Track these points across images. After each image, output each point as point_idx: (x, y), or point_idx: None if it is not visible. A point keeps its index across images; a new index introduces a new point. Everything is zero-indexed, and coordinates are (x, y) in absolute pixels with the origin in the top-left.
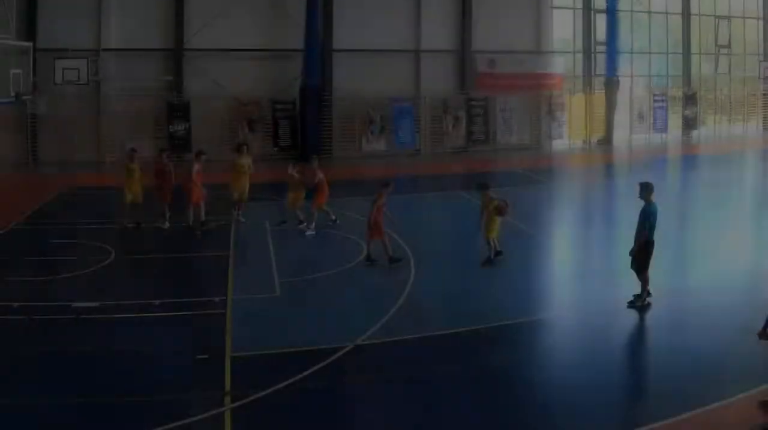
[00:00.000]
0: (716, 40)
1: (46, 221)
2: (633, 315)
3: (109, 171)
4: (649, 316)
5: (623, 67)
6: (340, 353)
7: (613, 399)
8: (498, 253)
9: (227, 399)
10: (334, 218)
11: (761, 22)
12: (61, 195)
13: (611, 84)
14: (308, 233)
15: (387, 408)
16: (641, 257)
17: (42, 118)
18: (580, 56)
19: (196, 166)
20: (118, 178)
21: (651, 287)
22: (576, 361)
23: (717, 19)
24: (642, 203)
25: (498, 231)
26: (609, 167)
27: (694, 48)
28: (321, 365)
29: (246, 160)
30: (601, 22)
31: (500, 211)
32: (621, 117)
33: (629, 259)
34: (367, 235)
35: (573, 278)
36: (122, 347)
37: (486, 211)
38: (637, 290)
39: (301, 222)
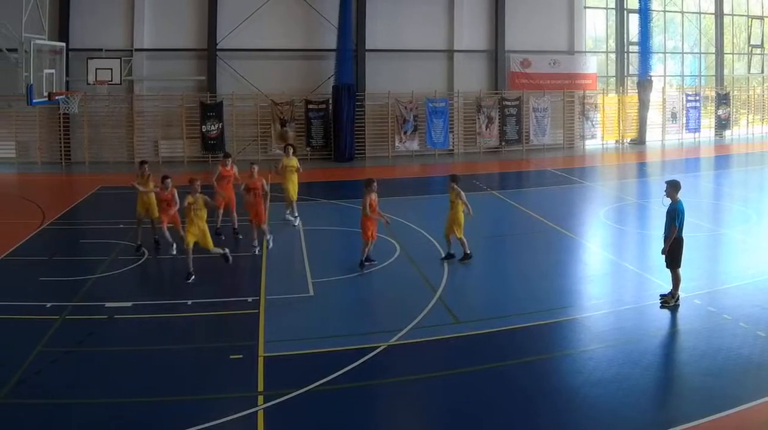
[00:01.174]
0: (749, 39)
1: (79, 220)
2: (665, 314)
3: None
4: (682, 314)
5: (656, 67)
6: (372, 353)
7: (648, 398)
8: (451, 255)
9: (260, 399)
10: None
11: None
12: (93, 195)
13: (644, 84)
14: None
15: (420, 408)
16: (673, 254)
17: (74, 119)
18: (612, 56)
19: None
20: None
21: (683, 286)
22: (610, 360)
23: (750, 19)
24: (669, 202)
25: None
26: (642, 167)
27: (727, 48)
28: (354, 365)
29: (294, 160)
30: (633, 22)
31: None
32: (654, 117)
33: (662, 257)
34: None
35: (605, 277)
36: (155, 347)
37: (454, 206)
38: (664, 290)
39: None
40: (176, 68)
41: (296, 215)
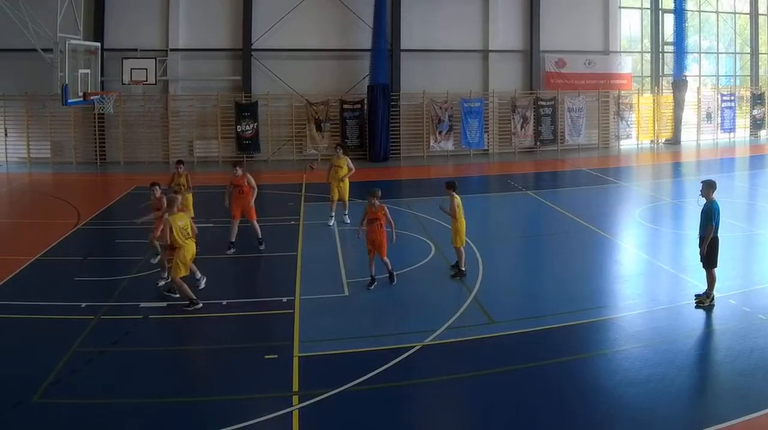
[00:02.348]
0: None
1: (113, 220)
2: (700, 314)
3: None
4: (717, 314)
5: (691, 67)
6: (407, 354)
7: (683, 398)
8: (456, 265)
9: (295, 399)
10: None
11: None
12: (128, 195)
13: (679, 84)
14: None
15: (454, 409)
16: (709, 254)
17: (109, 119)
18: (647, 56)
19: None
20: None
21: (718, 286)
22: (645, 360)
23: None
24: (704, 202)
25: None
26: (676, 167)
27: (762, 48)
28: (388, 365)
29: (342, 160)
30: (668, 22)
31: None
32: (689, 117)
33: (697, 257)
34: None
35: (640, 277)
36: (190, 347)
37: (456, 214)
38: (699, 290)
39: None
40: (211, 68)
41: (344, 213)
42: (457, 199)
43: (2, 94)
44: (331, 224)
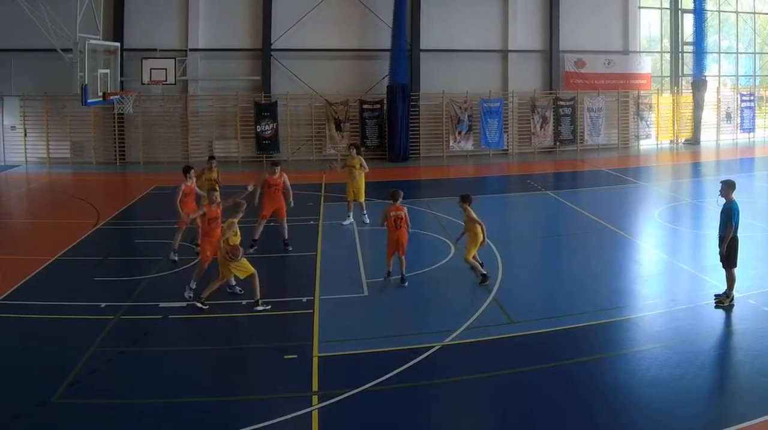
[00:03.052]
0: None
1: (133, 220)
2: (720, 314)
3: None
4: (736, 315)
5: (710, 67)
6: (427, 354)
7: (703, 398)
8: (485, 276)
9: (315, 399)
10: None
11: None
12: (148, 195)
13: (698, 84)
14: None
15: (474, 409)
16: (729, 254)
17: (129, 119)
18: (667, 56)
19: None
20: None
21: (738, 286)
22: (664, 360)
23: None
24: (723, 202)
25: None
26: (696, 167)
27: None
28: (408, 365)
29: (356, 160)
30: (688, 22)
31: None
32: (708, 117)
33: (717, 257)
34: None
35: (660, 277)
36: (209, 347)
37: (471, 227)
38: (719, 290)
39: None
40: (231, 68)
41: (363, 213)
42: (472, 212)
43: (22, 94)
44: (345, 223)
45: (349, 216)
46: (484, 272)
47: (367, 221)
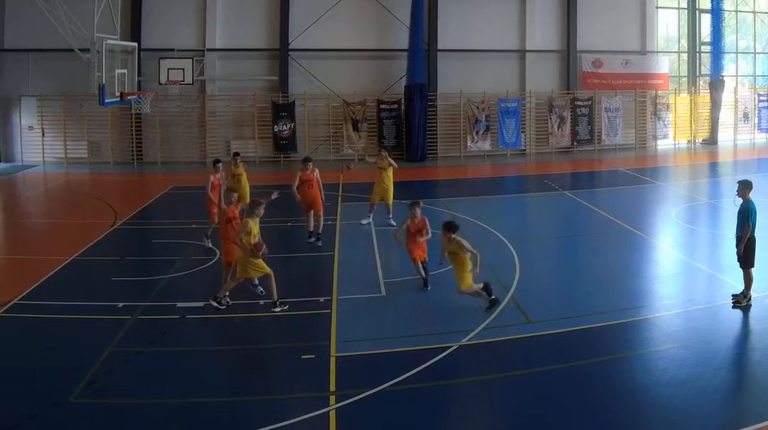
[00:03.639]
0: None
1: (151, 220)
2: (737, 314)
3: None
4: (754, 314)
5: (728, 67)
6: (444, 354)
7: (720, 398)
8: (493, 301)
9: (332, 399)
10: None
11: None
12: (165, 195)
13: (716, 84)
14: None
15: (491, 409)
16: (746, 254)
17: (146, 119)
18: (684, 56)
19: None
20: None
21: (755, 286)
22: (682, 360)
23: None
24: (740, 202)
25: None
26: (713, 167)
27: None
28: (425, 365)
29: (382, 161)
30: (705, 22)
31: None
32: (725, 117)
33: (734, 257)
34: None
35: (677, 277)
36: (227, 347)
37: (458, 259)
38: (736, 290)
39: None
40: (248, 68)
41: (393, 223)
42: (464, 242)
43: (39, 94)
44: (364, 222)
45: (369, 216)
46: (493, 297)
47: (393, 224)
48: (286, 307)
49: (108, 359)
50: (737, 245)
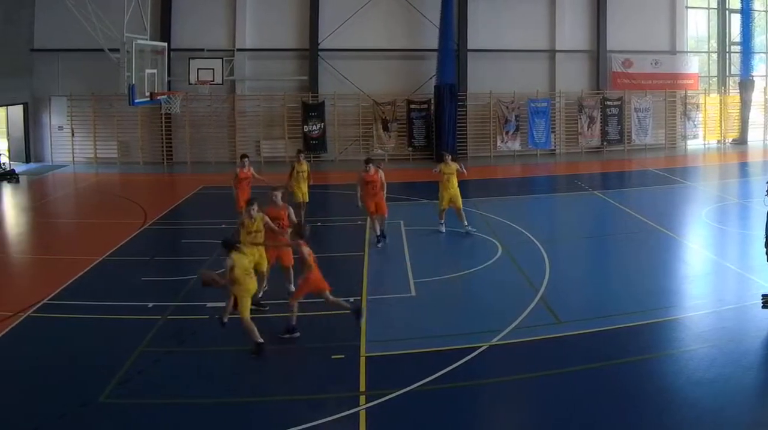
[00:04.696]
0: None
1: (180, 220)
2: (767, 315)
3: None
4: None
5: (758, 66)
6: (474, 354)
7: (750, 398)
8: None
9: (362, 399)
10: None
11: None
12: (195, 195)
13: (746, 84)
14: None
15: (521, 409)
16: None
17: (176, 119)
18: (714, 56)
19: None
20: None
21: None
22: (711, 360)
23: None
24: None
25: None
26: (743, 167)
27: None
28: (455, 365)
29: (450, 166)
30: (735, 22)
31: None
32: (755, 117)
33: (764, 257)
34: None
35: (707, 277)
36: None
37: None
38: (766, 290)
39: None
40: (278, 68)
41: (473, 229)
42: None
43: (69, 94)
44: (443, 230)
45: (442, 223)
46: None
47: (473, 230)
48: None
49: (138, 359)
50: (766, 245)
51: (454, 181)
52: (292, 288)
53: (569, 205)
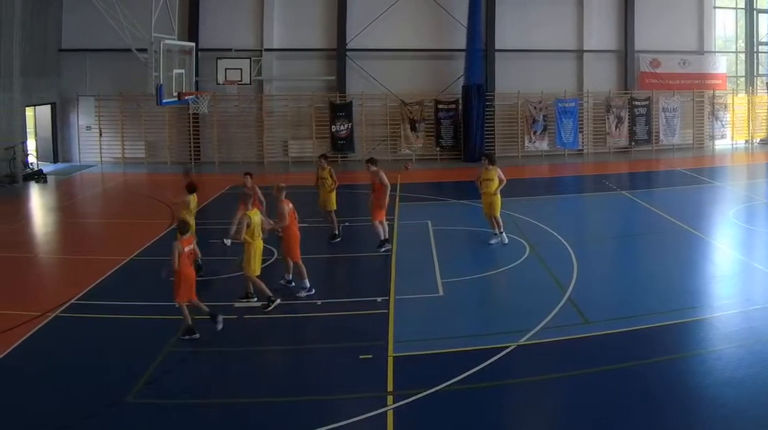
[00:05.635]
0: None
1: (209, 220)
2: None
3: (272, 171)
4: None
5: None
6: (502, 354)
7: None
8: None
9: (390, 399)
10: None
11: None
12: (223, 195)
13: None
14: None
15: (549, 408)
16: None
17: (204, 119)
18: (742, 56)
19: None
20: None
21: None
22: (739, 360)
23: None
24: None
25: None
26: None
27: None
28: (483, 365)
29: (490, 172)
30: (763, 22)
31: None
32: None
33: None
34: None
35: (735, 277)
36: (284, 347)
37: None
38: None
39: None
40: (306, 68)
41: (500, 231)
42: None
43: (97, 94)
44: (492, 242)
45: (495, 234)
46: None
47: (495, 242)
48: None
49: (165, 359)
50: None
51: (491, 187)
52: (289, 277)
53: (597, 205)
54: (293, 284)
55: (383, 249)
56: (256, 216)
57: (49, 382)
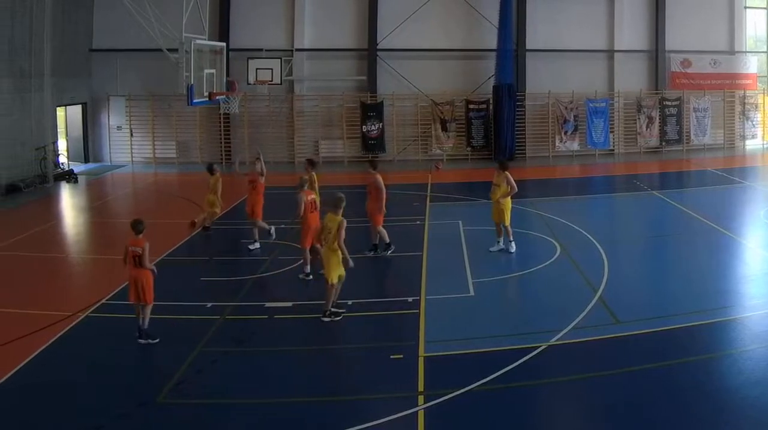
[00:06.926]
0: None
1: (239, 220)
2: None
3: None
4: None
5: None
6: (533, 354)
7: None
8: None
9: (420, 399)
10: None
11: None
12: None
13: None
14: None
15: (579, 409)
16: None
17: (235, 119)
18: None
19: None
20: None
21: None
22: None
23: None
24: None
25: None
26: None
27: None
28: (514, 365)
29: (501, 178)
30: None
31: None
32: None
33: None
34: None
35: (766, 277)
36: (315, 347)
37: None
38: None
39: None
40: (336, 68)
41: (510, 239)
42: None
43: (128, 94)
44: (492, 249)
45: (510, 241)
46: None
47: (512, 250)
48: (339, 318)
49: (196, 359)
50: None
51: (496, 193)
52: (308, 269)
53: (628, 205)
54: (311, 277)
55: (389, 251)
56: (330, 222)
57: (81, 382)
